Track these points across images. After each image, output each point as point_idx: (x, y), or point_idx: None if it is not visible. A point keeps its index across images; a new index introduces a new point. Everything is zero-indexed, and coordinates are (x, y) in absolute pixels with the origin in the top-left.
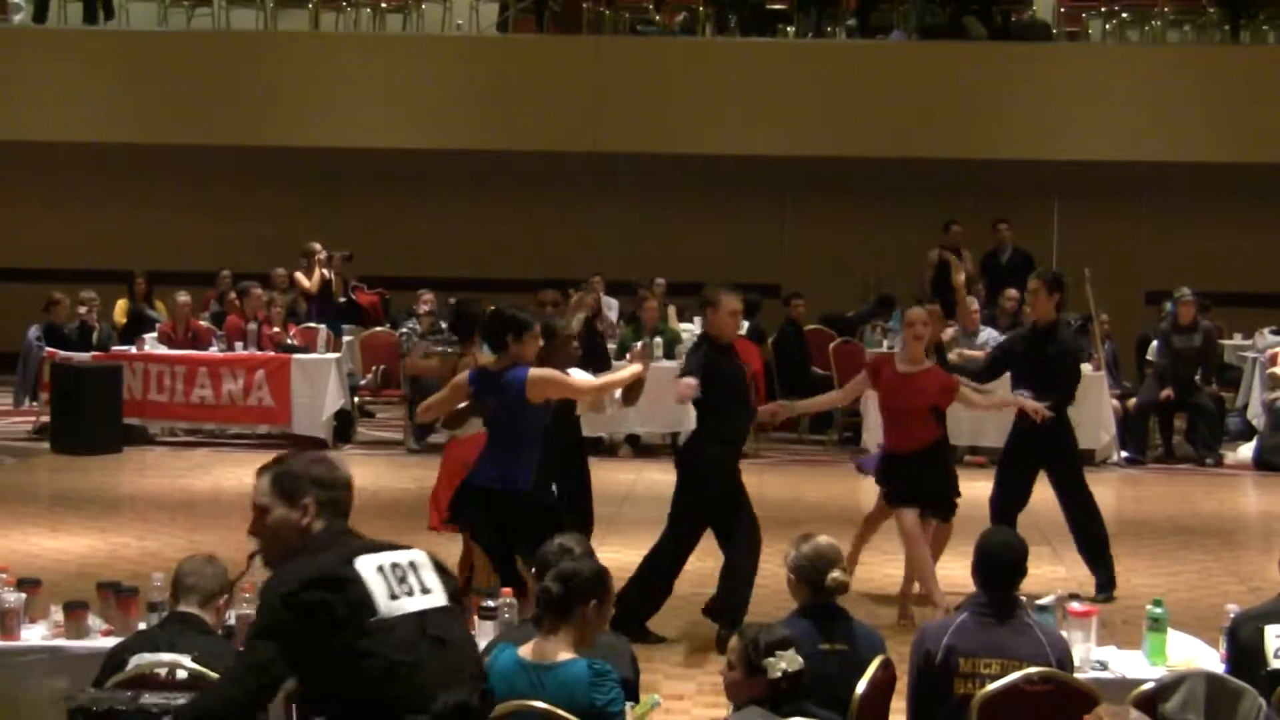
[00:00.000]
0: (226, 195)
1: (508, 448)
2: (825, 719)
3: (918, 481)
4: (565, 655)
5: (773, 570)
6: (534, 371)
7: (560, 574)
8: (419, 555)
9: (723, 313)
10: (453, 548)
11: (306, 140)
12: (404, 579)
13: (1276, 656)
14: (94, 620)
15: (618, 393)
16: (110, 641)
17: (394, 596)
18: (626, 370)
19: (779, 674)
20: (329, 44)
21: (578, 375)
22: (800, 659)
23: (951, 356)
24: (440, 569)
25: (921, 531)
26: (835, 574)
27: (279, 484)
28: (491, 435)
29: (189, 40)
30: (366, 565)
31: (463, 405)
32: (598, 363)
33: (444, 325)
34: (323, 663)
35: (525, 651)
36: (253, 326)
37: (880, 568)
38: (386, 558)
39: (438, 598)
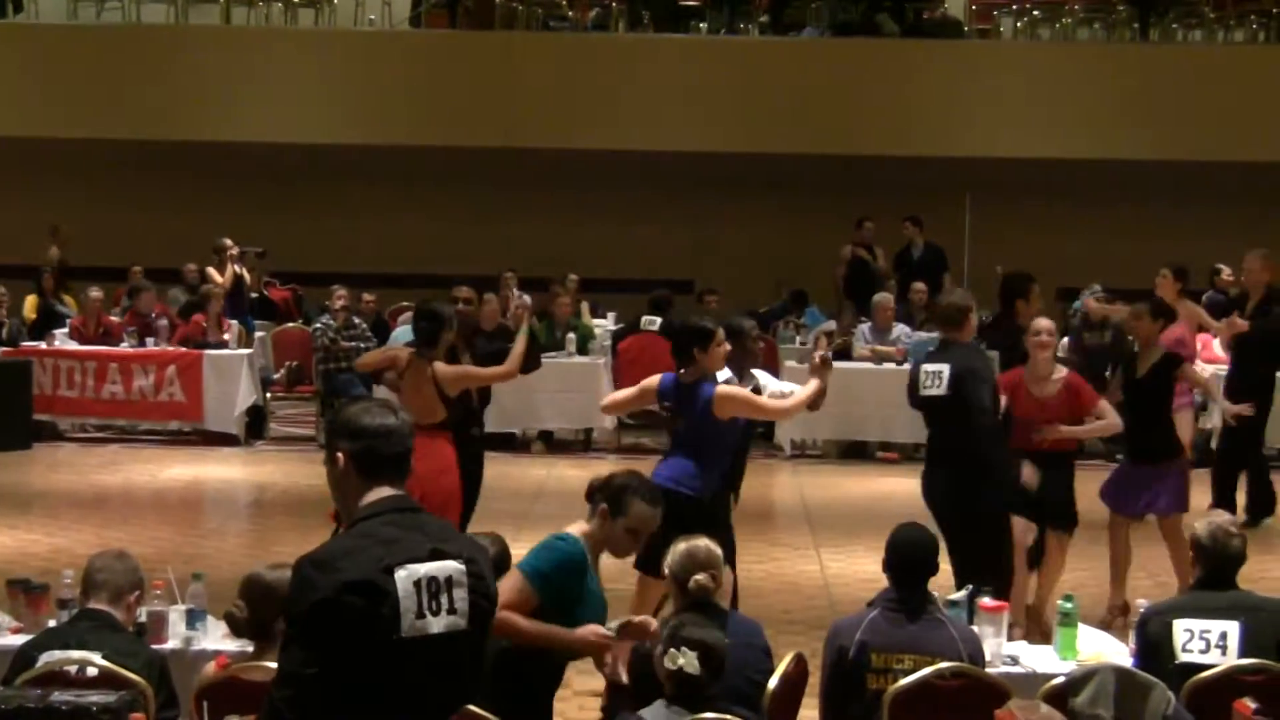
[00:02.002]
0: (137, 190)
1: (694, 455)
2: (733, 713)
3: (1038, 487)
4: None
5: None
6: (721, 390)
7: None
8: (459, 570)
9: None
10: None
11: (218, 135)
12: (437, 595)
13: (1185, 650)
14: (3, 617)
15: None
16: (20, 639)
17: (420, 615)
18: (808, 387)
19: (673, 667)
20: (240, 38)
21: (773, 385)
22: (698, 666)
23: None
24: (475, 584)
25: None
26: (699, 577)
27: (326, 435)
28: (680, 442)
29: (99, 34)
30: (405, 579)
31: (651, 408)
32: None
33: (357, 321)
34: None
35: None
36: (164, 322)
37: (794, 564)
38: (427, 571)
39: (459, 621)
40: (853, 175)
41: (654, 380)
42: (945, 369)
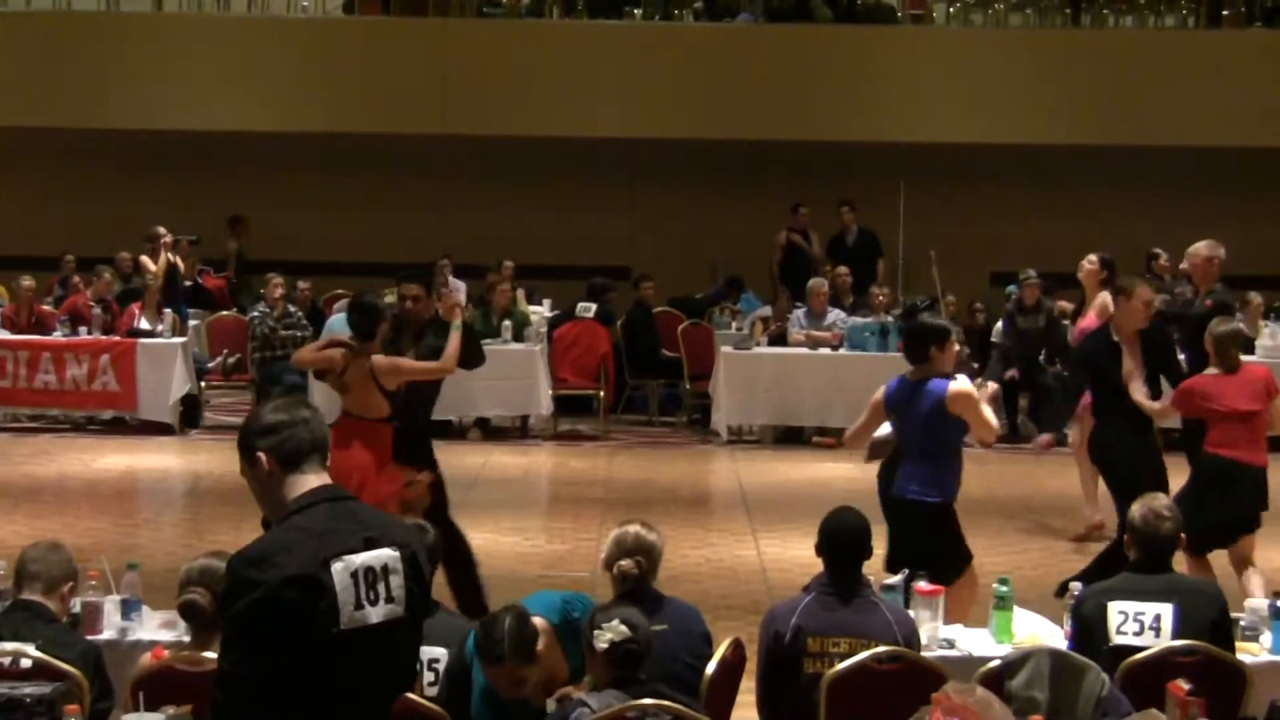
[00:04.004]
0: (69, 178)
1: (930, 457)
2: (672, 698)
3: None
4: None
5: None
6: (957, 386)
7: None
8: (393, 558)
9: None
10: None
11: (150, 123)
12: (374, 585)
13: (1119, 632)
14: None
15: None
16: None
17: (359, 607)
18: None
19: (605, 645)
20: (173, 25)
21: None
22: (626, 629)
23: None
24: (410, 570)
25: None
26: (622, 563)
27: (238, 445)
28: (912, 446)
29: (29, 21)
30: (342, 571)
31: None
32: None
33: (292, 309)
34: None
35: None
36: (98, 310)
37: (731, 549)
38: (363, 561)
39: (397, 608)
40: (787, 161)
41: (879, 394)
42: None
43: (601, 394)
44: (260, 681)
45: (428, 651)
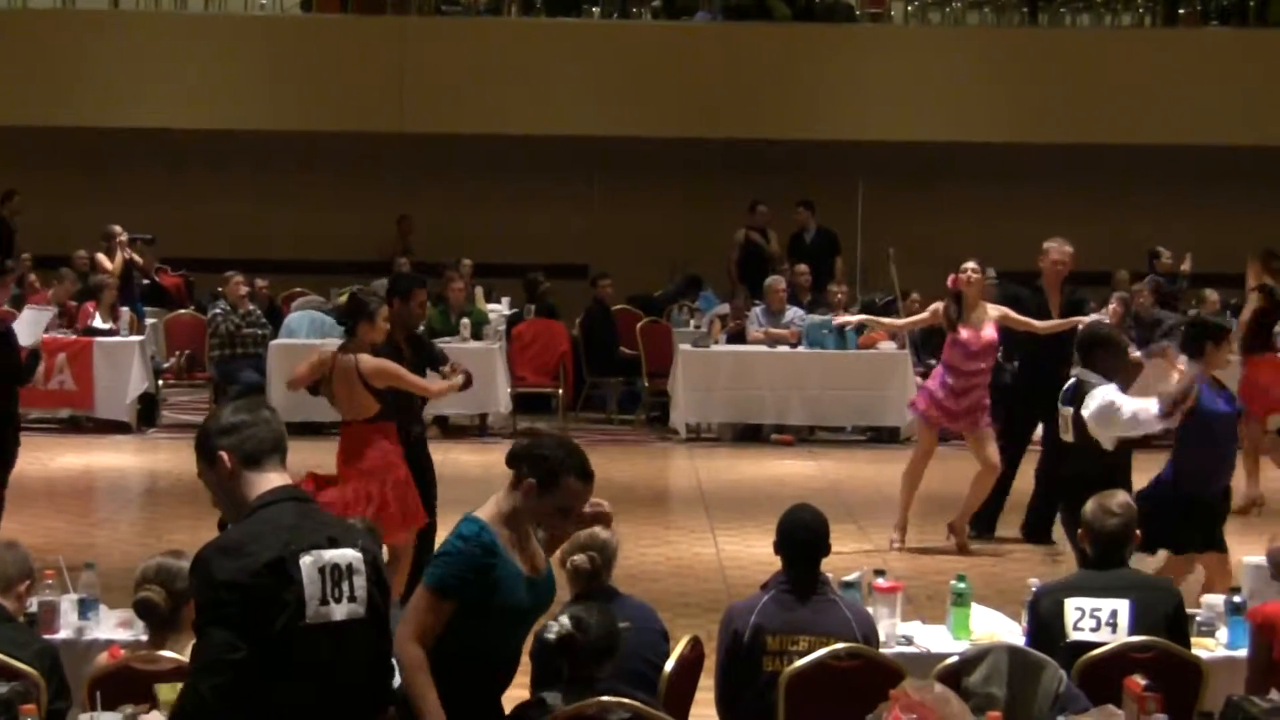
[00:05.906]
0: (26, 177)
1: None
2: (631, 696)
3: None
4: None
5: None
6: None
7: None
8: (357, 559)
9: None
10: None
11: (107, 121)
12: (339, 583)
13: (1076, 629)
14: None
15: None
16: None
17: (324, 602)
18: None
19: (551, 636)
20: (130, 22)
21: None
22: (570, 627)
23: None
24: (372, 573)
25: None
26: (575, 558)
27: (196, 447)
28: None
29: None
30: (311, 565)
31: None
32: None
33: (251, 307)
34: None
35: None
36: (50, 311)
37: (690, 547)
38: (330, 559)
39: (359, 609)
40: (746, 159)
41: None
42: None
43: (560, 392)
44: (238, 669)
45: None
